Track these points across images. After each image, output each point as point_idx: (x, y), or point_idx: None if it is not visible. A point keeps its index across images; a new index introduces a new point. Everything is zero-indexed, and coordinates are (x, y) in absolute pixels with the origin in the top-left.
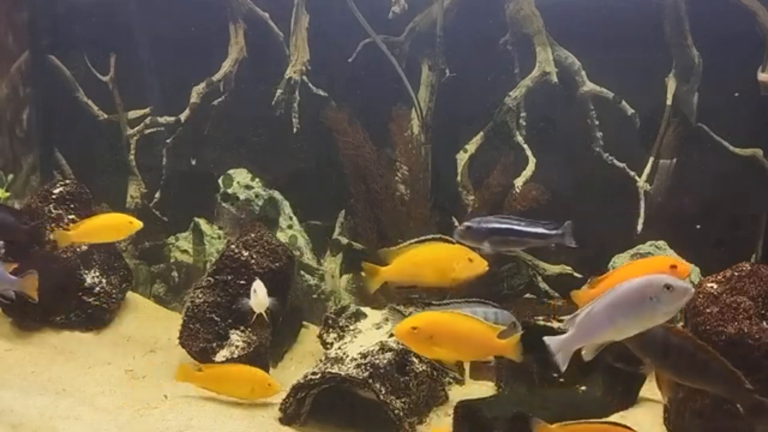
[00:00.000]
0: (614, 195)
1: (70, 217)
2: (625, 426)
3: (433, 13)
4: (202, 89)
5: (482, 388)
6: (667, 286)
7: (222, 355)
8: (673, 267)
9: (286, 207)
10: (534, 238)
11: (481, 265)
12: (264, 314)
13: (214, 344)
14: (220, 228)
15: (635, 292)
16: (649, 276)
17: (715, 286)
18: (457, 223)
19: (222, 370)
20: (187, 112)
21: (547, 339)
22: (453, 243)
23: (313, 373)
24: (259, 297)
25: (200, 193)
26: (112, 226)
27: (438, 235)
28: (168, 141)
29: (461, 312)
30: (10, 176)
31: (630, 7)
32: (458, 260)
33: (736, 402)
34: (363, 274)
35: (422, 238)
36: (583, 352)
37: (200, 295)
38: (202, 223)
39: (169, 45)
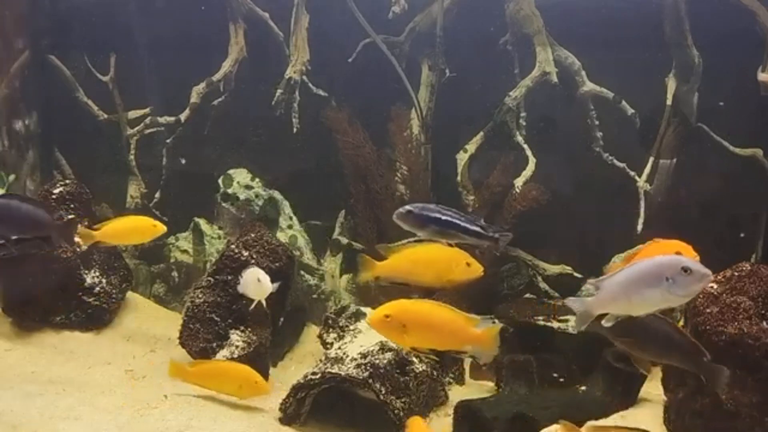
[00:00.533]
0: (614, 195)
1: (70, 217)
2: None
3: (433, 13)
4: (202, 89)
5: (482, 388)
6: (685, 269)
7: (222, 355)
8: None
9: (286, 207)
10: (470, 235)
11: (477, 270)
12: (263, 302)
13: (214, 344)
14: (220, 228)
15: (653, 269)
16: (669, 255)
17: (715, 286)
18: None
19: (212, 367)
20: (187, 112)
21: (570, 300)
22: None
23: (313, 373)
24: (262, 283)
25: (200, 193)
26: (136, 228)
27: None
28: (168, 141)
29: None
30: (11, 176)
31: (630, 7)
32: (456, 263)
33: (697, 372)
34: (358, 264)
35: (421, 237)
36: (603, 321)
37: (200, 295)
38: (202, 223)
39: (169, 45)
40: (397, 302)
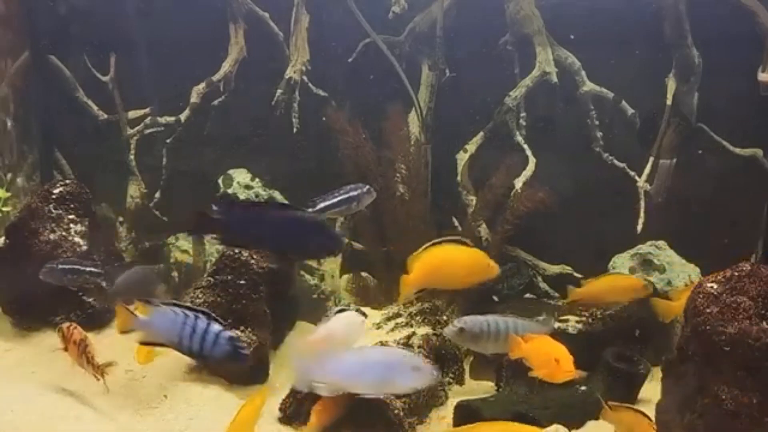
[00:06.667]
0: (614, 195)
1: (70, 217)
2: None
3: (433, 13)
4: (202, 89)
5: (482, 388)
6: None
7: None
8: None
9: None
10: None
11: (495, 269)
12: None
13: None
14: None
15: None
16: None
17: (715, 286)
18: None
19: None
20: (187, 112)
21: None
22: (468, 245)
23: None
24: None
25: (200, 193)
26: None
27: (451, 237)
28: (168, 141)
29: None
30: (9, 175)
31: (630, 7)
32: (479, 264)
33: None
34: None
35: (436, 240)
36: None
37: (200, 295)
38: None
39: (169, 45)
40: None
